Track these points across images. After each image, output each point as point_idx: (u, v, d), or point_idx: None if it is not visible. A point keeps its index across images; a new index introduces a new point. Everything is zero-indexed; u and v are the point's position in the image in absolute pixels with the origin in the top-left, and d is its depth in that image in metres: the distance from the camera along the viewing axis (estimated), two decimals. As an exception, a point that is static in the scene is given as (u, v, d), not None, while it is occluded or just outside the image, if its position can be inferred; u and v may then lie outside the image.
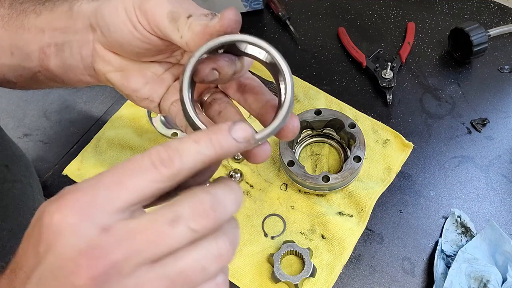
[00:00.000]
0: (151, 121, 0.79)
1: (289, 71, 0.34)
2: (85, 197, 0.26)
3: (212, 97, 0.42)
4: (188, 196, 0.28)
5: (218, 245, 0.28)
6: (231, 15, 0.33)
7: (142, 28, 0.37)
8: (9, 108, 0.85)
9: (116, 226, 0.26)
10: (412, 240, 0.69)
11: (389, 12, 0.94)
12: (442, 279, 0.64)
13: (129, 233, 0.26)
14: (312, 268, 0.64)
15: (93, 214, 0.26)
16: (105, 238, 0.25)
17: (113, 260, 0.25)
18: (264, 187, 0.74)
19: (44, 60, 0.44)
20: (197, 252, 0.27)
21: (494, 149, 0.77)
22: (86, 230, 0.25)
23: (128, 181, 0.26)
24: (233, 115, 0.40)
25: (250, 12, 0.93)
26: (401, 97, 0.83)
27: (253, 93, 0.40)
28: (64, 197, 0.26)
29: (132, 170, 0.27)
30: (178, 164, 0.27)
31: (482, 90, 0.83)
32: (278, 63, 0.33)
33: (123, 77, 0.43)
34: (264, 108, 0.39)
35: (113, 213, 0.26)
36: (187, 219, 0.27)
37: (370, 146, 0.77)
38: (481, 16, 0.92)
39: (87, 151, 0.78)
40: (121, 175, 0.27)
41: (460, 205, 0.72)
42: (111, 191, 0.26)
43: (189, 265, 0.27)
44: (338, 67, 0.87)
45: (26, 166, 0.62)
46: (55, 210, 0.26)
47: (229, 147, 0.29)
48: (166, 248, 0.26)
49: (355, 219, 0.71)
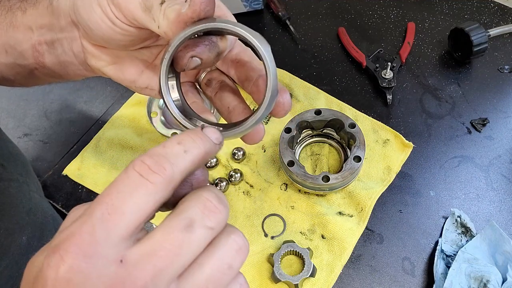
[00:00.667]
0: (151, 121, 0.79)
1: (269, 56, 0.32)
2: (83, 239, 0.24)
3: (207, 76, 0.41)
4: (191, 199, 0.27)
5: (235, 240, 0.27)
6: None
7: (120, 22, 0.36)
8: (9, 107, 0.85)
9: (130, 254, 0.24)
10: (412, 240, 0.69)
11: (389, 12, 0.94)
12: (442, 279, 0.64)
13: (147, 254, 0.24)
14: (312, 268, 0.64)
15: (100, 253, 0.24)
16: (124, 269, 0.24)
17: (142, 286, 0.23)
18: (264, 187, 0.74)
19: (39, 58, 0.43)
20: (219, 252, 0.26)
21: (494, 149, 0.77)
22: (100, 270, 0.23)
23: (122, 204, 0.24)
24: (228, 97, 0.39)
25: (250, 12, 0.93)
26: (401, 97, 0.83)
27: (244, 68, 0.39)
28: (60, 246, 0.24)
29: (122, 191, 0.25)
30: (169, 168, 0.26)
31: (482, 90, 0.83)
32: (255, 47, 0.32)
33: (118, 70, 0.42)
34: (255, 85, 0.38)
35: (120, 243, 0.24)
36: (201, 219, 0.26)
37: (370, 146, 0.77)
38: (481, 16, 0.92)
39: (87, 151, 0.78)
40: (113, 201, 0.25)
41: (460, 205, 0.72)
42: (108, 222, 0.24)
43: (216, 267, 0.26)
44: (338, 67, 0.87)
45: (23, 164, 0.62)
46: (57, 263, 0.23)
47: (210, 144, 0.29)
48: (190, 256, 0.25)
49: (355, 219, 0.70)
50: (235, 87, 0.40)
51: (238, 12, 0.92)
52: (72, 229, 0.24)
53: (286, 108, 0.35)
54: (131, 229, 0.25)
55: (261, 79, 0.38)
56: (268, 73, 0.32)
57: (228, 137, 0.34)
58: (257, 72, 0.38)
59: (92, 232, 0.24)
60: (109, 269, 0.23)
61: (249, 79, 0.39)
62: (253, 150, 0.77)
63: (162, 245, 0.24)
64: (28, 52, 0.43)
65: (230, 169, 0.75)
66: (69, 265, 0.23)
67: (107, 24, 0.37)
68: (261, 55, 0.32)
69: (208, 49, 0.34)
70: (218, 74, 0.41)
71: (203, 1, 0.31)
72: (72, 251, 0.23)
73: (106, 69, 0.42)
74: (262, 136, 0.36)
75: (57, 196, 0.74)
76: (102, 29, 0.37)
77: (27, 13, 0.43)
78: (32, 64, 0.44)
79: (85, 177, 0.76)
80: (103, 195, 0.25)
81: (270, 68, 0.32)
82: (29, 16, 0.42)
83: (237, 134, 0.34)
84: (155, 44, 0.42)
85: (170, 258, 0.24)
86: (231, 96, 0.39)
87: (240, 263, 0.27)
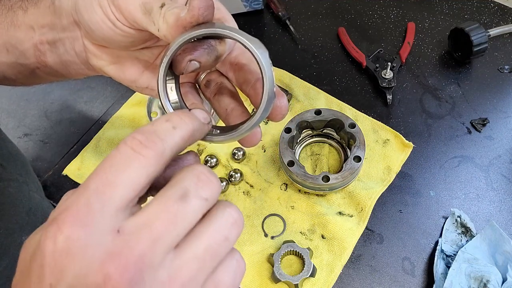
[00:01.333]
0: (151, 121, 0.79)
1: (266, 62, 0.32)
2: (80, 210, 0.24)
3: (207, 77, 0.41)
4: (185, 171, 0.27)
5: (230, 212, 0.28)
6: (200, 2, 0.32)
7: (121, 24, 0.37)
8: (9, 108, 0.85)
9: (127, 225, 0.25)
10: (412, 240, 0.69)
11: (389, 12, 0.94)
12: (442, 279, 0.64)
13: (143, 224, 0.24)
14: (312, 268, 0.64)
15: (96, 223, 0.24)
16: (121, 238, 0.24)
17: (140, 255, 0.24)
18: (264, 187, 0.74)
19: (40, 57, 0.43)
20: (215, 223, 0.27)
21: (494, 149, 0.77)
22: (98, 239, 0.24)
23: (116, 177, 0.25)
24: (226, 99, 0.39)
25: (250, 12, 0.93)
26: (401, 97, 0.83)
27: (243, 71, 0.39)
28: (58, 219, 0.24)
29: (115, 165, 0.25)
30: (159, 143, 0.26)
31: (482, 90, 0.83)
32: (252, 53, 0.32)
33: (119, 69, 0.42)
34: (253, 88, 0.38)
35: (116, 214, 0.24)
36: (196, 190, 0.26)
37: (370, 146, 0.77)
38: (481, 16, 0.92)
39: (87, 151, 0.78)
40: (106, 174, 0.25)
41: (460, 205, 0.72)
42: (103, 194, 0.24)
43: (212, 238, 0.26)
44: (338, 67, 0.87)
45: (22, 164, 0.62)
46: (55, 233, 0.24)
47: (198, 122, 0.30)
48: (185, 225, 0.25)
49: (355, 219, 0.71)
50: (234, 90, 0.41)
51: (238, 12, 0.92)
52: (67, 203, 0.25)
53: (283, 112, 0.36)
54: (125, 201, 0.25)
55: (259, 83, 0.38)
56: (265, 78, 0.32)
57: (225, 140, 0.34)
58: (255, 75, 0.38)
59: (87, 203, 0.24)
60: (106, 239, 0.24)
61: (247, 82, 0.39)
62: (253, 150, 0.77)
63: (158, 215, 0.25)
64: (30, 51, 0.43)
65: (230, 169, 0.75)
66: (67, 234, 0.23)
67: (107, 25, 0.37)
68: (258, 60, 0.32)
69: (207, 52, 0.34)
70: (217, 75, 0.41)
71: (202, 6, 0.32)
72: (69, 221, 0.24)
73: (107, 68, 0.43)
74: (259, 139, 0.37)
75: (57, 196, 0.74)
76: (103, 30, 0.38)
77: (28, 12, 0.42)
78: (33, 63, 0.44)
79: (85, 177, 0.75)
80: (96, 171, 0.25)
81: (267, 73, 0.32)
82: (30, 15, 0.42)
83: (234, 138, 0.35)
84: (156, 44, 0.42)
85: (166, 228, 0.25)
86: (229, 99, 0.39)
87: (236, 237, 0.28)
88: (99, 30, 0.38)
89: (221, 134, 0.35)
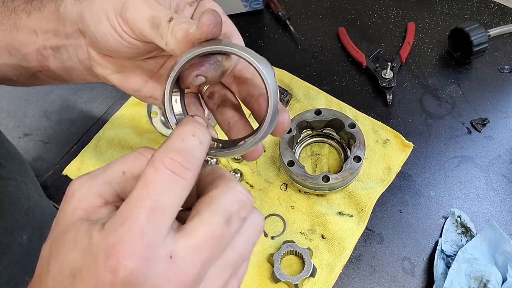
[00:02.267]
0: (151, 121, 0.79)
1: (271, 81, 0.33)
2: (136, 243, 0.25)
3: (210, 89, 0.42)
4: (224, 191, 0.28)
5: (258, 219, 0.30)
6: (209, 20, 0.32)
7: (128, 36, 0.37)
8: (9, 108, 0.85)
9: (178, 250, 0.26)
10: (412, 240, 0.69)
11: (389, 12, 0.94)
12: (442, 279, 0.64)
13: (193, 249, 0.26)
14: (312, 268, 0.64)
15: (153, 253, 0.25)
16: (175, 265, 0.25)
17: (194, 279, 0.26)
18: (264, 187, 0.74)
19: (43, 61, 0.43)
20: (246, 233, 0.29)
21: (494, 149, 0.77)
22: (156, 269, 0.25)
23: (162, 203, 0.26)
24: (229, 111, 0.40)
25: (250, 12, 0.93)
26: (401, 97, 0.83)
27: (246, 85, 0.40)
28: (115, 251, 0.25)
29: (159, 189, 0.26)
30: (195, 162, 0.27)
31: (482, 90, 0.83)
32: (259, 72, 0.33)
33: (122, 78, 0.42)
34: (257, 102, 0.39)
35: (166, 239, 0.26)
36: (238, 212, 0.28)
37: (370, 146, 0.77)
38: (481, 16, 0.92)
39: (87, 151, 0.78)
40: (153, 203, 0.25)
41: (460, 205, 0.72)
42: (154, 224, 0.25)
43: (243, 247, 0.29)
44: (338, 67, 0.87)
45: (20, 164, 0.62)
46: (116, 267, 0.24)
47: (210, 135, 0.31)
48: (227, 244, 0.28)
49: (355, 219, 0.70)
50: (237, 102, 0.41)
51: (238, 12, 0.92)
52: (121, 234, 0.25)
53: (285, 128, 0.37)
54: (170, 224, 0.26)
55: (262, 97, 0.38)
56: (269, 96, 0.33)
57: (228, 155, 0.35)
58: (259, 89, 0.39)
59: (141, 235, 0.25)
60: (163, 267, 0.25)
61: (250, 95, 0.39)
62: (253, 150, 0.77)
63: (206, 241, 0.26)
64: (32, 55, 0.43)
65: (230, 169, 0.75)
66: (128, 268, 0.24)
67: (114, 37, 0.37)
68: (263, 79, 0.33)
69: (214, 68, 0.35)
70: (221, 87, 0.41)
71: (211, 24, 0.32)
72: (127, 254, 0.24)
73: (111, 77, 0.43)
74: (260, 153, 0.38)
75: (57, 196, 0.74)
76: (109, 41, 0.38)
77: (31, 17, 0.42)
78: (36, 67, 0.44)
79: (85, 177, 0.75)
80: (138, 195, 0.26)
81: (272, 92, 0.33)
82: (33, 19, 0.42)
83: (237, 154, 0.36)
84: (160, 54, 0.42)
85: (214, 251, 0.27)
86: (232, 112, 0.40)
87: (258, 239, 0.31)
88: (106, 41, 0.38)
89: (225, 148, 0.36)
